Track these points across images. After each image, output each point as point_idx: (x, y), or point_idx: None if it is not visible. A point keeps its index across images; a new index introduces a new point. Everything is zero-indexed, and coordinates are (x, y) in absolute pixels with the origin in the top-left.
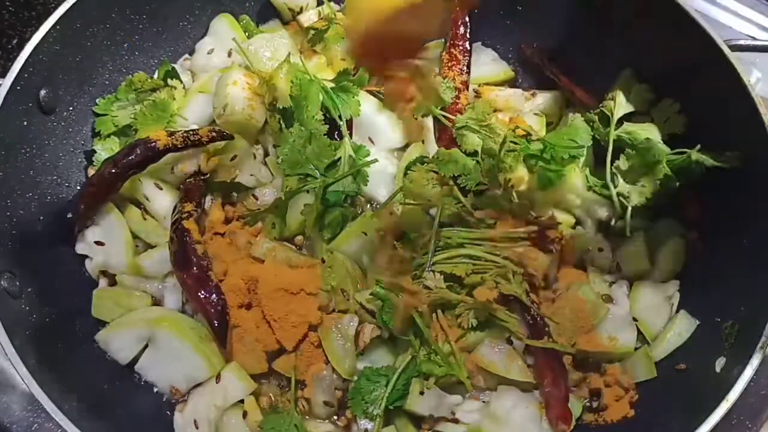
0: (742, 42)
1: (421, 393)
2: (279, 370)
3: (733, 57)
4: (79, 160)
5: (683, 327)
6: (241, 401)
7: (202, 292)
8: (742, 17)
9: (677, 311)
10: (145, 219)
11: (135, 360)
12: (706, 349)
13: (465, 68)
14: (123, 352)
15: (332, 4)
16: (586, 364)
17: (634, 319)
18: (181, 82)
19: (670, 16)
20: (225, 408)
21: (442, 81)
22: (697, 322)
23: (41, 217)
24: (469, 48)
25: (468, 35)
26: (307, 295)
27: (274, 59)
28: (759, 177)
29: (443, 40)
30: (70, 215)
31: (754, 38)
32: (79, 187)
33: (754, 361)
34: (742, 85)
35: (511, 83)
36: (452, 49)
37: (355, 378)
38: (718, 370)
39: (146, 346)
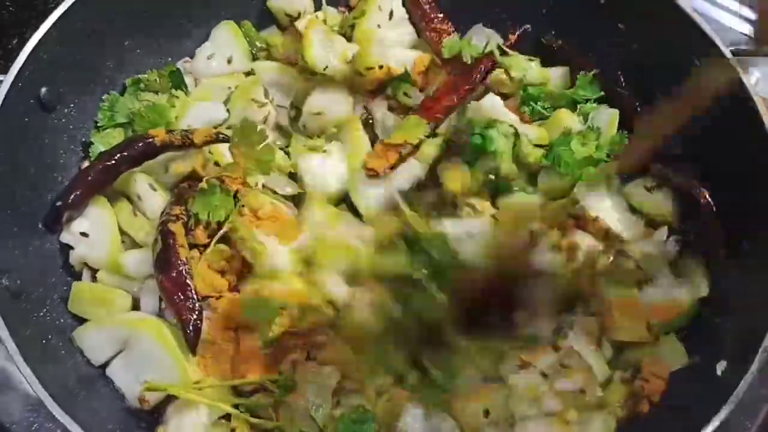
0: (740, 40)
1: None
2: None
3: (733, 57)
4: (81, 157)
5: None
6: (228, 418)
7: (179, 295)
8: (742, 17)
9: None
10: (135, 215)
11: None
12: (708, 352)
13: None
14: (98, 352)
15: (329, 8)
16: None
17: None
18: (186, 90)
19: (670, 17)
20: (211, 425)
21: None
22: None
23: (41, 215)
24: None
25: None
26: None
27: None
28: (758, 177)
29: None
30: (59, 203)
31: (752, 38)
32: None
33: (756, 364)
34: (742, 85)
35: None
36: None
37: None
38: (719, 373)
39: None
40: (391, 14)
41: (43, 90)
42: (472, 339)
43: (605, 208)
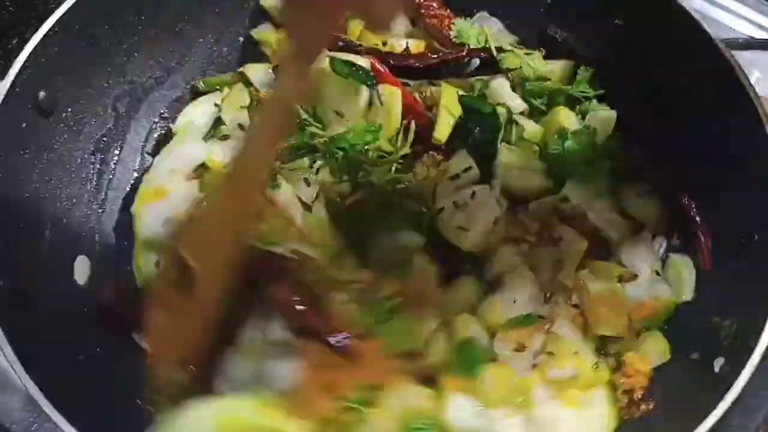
0: (740, 40)
1: None
2: None
3: (732, 57)
4: (78, 161)
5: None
6: None
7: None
8: (741, 17)
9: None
10: None
11: None
12: (705, 349)
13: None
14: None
15: None
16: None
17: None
18: None
19: (669, 16)
20: None
21: None
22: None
23: (39, 218)
24: None
25: None
26: None
27: None
28: (758, 177)
29: None
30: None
31: (752, 38)
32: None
33: (754, 361)
34: (742, 85)
35: None
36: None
37: None
38: (716, 370)
39: None
40: None
41: (42, 94)
42: None
43: (594, 209)
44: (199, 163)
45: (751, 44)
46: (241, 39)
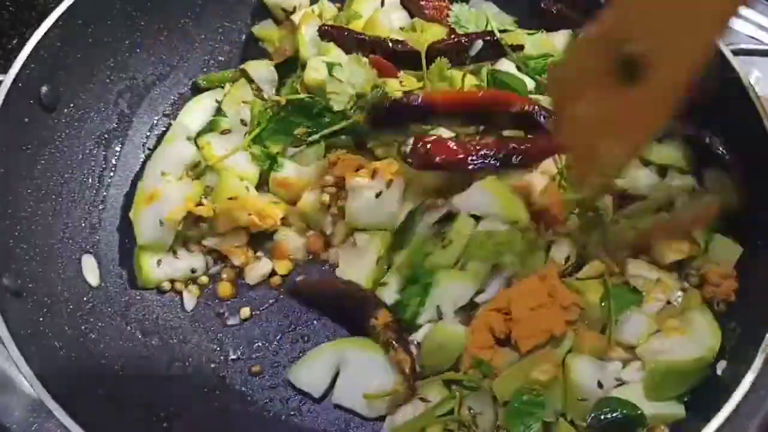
0: (743, 46)
1: None
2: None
3: (733, 57)
4: (80, 157)
5: None
6: None
7: None
8: (742, 17)
9: None
10: None
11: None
12: None
13: None
14: (318, 386)
15: (325, 2)
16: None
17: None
18: None
19: None
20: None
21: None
22: None
23: (41, 214)
24: None
25: None
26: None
27: None
28: (758, 177)
29: None
30: None
31: (754, 38)
32: (81, 185)
33: (757, 365)
34: (742, 85)
35: None
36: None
37: None
38: (719, 373)
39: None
40: (383, 1)
41: (44, 89)
42: None
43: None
44: (188, 162)
45: (754, 49)
46: (243, 36)
